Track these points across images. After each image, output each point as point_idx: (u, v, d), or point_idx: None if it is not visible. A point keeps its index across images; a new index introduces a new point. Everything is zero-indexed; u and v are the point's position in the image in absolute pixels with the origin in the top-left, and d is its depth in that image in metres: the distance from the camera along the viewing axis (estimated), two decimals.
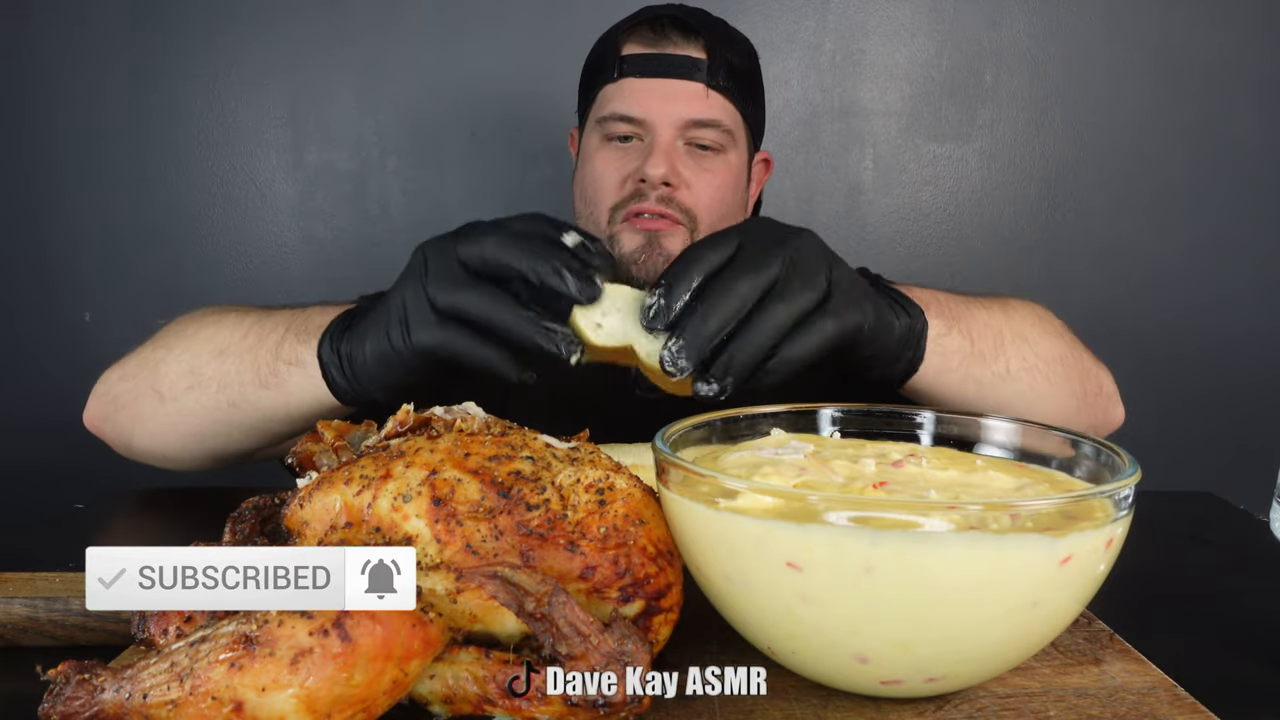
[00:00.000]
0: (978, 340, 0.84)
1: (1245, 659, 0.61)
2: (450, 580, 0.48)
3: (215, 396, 0.84)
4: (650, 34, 1.06)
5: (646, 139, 1.06)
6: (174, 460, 0.92)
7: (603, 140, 1.08)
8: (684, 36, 1.06)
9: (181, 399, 0.86)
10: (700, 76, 1.05)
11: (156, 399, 0.87)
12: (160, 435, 0.89)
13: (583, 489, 0.52)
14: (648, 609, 0.51)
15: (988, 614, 0.46)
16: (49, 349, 1.56)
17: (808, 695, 0.52)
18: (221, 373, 0.84)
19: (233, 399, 0.84)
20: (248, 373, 0.82)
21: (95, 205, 1.54)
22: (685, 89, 1.04)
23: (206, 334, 0.87)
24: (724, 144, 1.07)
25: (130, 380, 0.90)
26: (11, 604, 0.58)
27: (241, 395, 0.83)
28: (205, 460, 0.91)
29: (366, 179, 1.57)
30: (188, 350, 0.87)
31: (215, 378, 0.84)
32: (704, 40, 1.06)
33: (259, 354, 0.82)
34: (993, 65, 1.58)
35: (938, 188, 1.61)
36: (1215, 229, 1.63)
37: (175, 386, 0.86)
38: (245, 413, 0.84)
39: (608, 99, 1.07)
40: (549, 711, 0.46)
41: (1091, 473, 0.56)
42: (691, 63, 1.05)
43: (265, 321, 0.85)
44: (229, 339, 0.85)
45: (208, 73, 1.52)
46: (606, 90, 1.07)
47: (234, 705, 0.42)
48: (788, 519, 0.45)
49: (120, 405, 0.91)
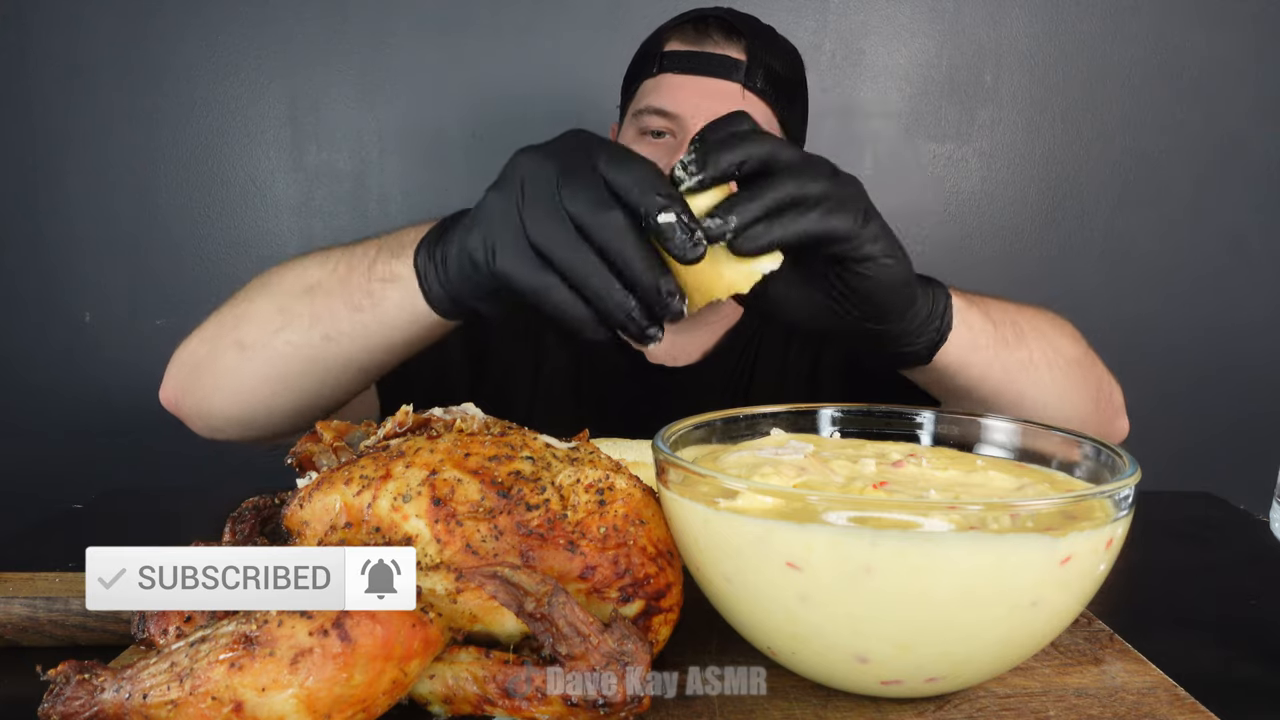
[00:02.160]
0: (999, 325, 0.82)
1: (1245, 659, 0.61)
2: (450, 580, 0.48)
3: (308, 333, 0.79)
4: (693, 32, 1.07)
5: (680, 135, 1.06)
6: (257, 421, 0.87)
7: (638, 134, 1.09)
8: (725, 37, 1.06)
9: (270, 343, 0.81)
10: (738, 77, 1.05)
11: (240, 351, 0.83)
12: (244, 391, 0.85)
13: (583, 489, 0.52)
14: (648, 609, 0.51)
15: (988, 614, 0.46)
16: (49, 349, 1.56)
17: (808, 695, 0.52)
18: (314, 307, 0.79)
19: (327, 331, 0.79)
20: (341, 302, 0.77)
21: (95, 205, 1.54)
22: (721, 88, 1.05)
23: (293, 276, 0.82)
24: None
25: (210, 342, 0.86)
26: (11, 604, 0.58)
27: (336, 326, 0.78)
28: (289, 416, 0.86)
29: (366, 179, 1.57)
30: (274, 295, 0.82)
31: (307, 313, 0.79)
32: (745, 42, 1.06)
33: (351, 281, 0.77)
34: (993, 65, 1.58)
35: (938, 188, 1.61)
36: (1215, 229, 1.63)
37: (263, 332, 0.81)
38: (341, 346, 0.79)
39: (645, 93, 1.08)
40: (549, 711, 0.46)
41: (1091, 473, 0.56)
42: (731, 63, 1.05)
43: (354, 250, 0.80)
44: (318, 275, 0.80)
45: (208, 73, 1.52)
46: (645, 84, 1.08)
47: (234, 705, 0.42)
48: (788, 519, 0.45)
49: (201, 370, 0.86)
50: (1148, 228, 1.63)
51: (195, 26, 1.51)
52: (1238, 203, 1.63)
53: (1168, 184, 1.62)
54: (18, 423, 1.56)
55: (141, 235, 1.55)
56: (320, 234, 1.57)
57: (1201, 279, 1.64)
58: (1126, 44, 1.58)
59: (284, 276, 0.83)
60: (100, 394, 1.56)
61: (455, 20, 1.53)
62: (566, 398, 1.14)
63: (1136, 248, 1.63)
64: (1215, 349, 1.65)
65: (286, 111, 1.54)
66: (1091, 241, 1.63)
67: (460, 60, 1.54)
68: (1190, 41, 1.59)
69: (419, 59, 1.53)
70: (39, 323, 1.56)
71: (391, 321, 0.76)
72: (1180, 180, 1.62)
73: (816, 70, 1.58)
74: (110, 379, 1.56)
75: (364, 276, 0.76)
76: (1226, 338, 1.65)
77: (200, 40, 1.51)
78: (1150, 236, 1.63)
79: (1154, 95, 1.60)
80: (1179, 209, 1.63)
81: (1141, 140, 1.61)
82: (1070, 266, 1.62)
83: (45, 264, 1.55)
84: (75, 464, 1.48)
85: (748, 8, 1.20)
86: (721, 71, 1.05)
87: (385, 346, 0.78)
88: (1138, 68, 1.59)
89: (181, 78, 1.52)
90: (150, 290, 1.55)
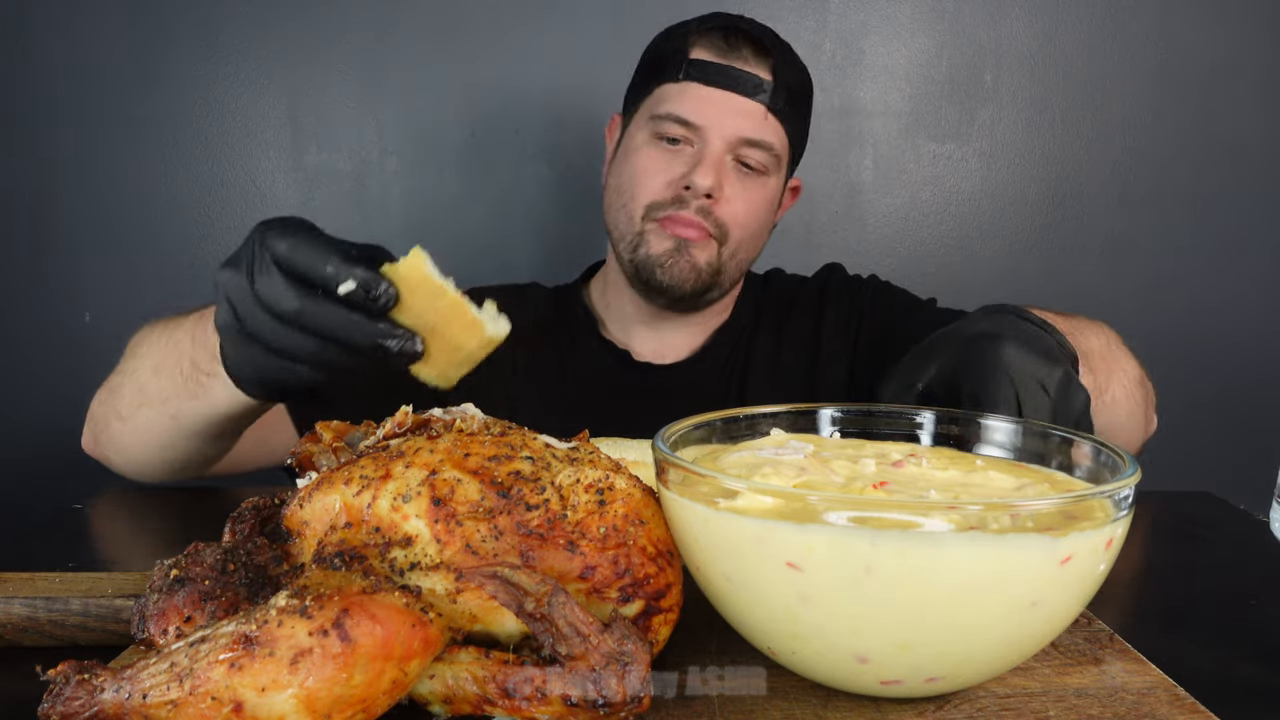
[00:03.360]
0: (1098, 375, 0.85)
1: (1245, 659, 0.61)
2: (450, 580, 0.48)
3: (159, 411, 0.86)
4: (723, 44, 1.06)
5: (697, 146, 1.06)
6: (146, 474, 0.95)
7: (651, 137, 1.08)
8: (755, 54, 1.06)
9: (134, 417, 0.89)
10: (763, 98, 1.05)
11: (119, 420, 0.91)
12: (127, 452, 0.93)
13: (582, 489, 0.52)
14: (647, 609, 0.51)
15: (988, 614, 0.46)
16: (48, 349, 1.56)
17: (808, 695, 0.52)
18: (160, 389, 0.85)
19: (173, 412, 0.85)
20: (178, 387, 0.83)
21: (95, 205, 1.54)
22: (747, 106, 1.05)
23: (144, 351, 0.89)
24: (769, 167, 1.08)
25: (102, 405, 0.94)
26: (11, 604, 0.57)
27: (179, 409, 0.84)
28: (171, 471, 0.95)
29: (366, 179, 1.57)
30: (135, 370, 0.89)
31: (156, 394, 0.86)
32: (772, 62, 1.06)
33: (181, 368, 0.83)
34: (993, 65, 1.58)
35: (938, 188, 1.61)
36: (1215, 229, 1.63)
37: (129, 406, 0.89)
38: (188, 421, 0.85)
39: (667, 97, 1.07)
40: (549, 711, 0.46)
41: (1091, 473, 0.56)
42: (758, 82, 1.05)
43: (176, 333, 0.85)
44: (160, 355, 0.86)
45: (207, 73, 1.52)
46: (668, 88, 1.07)
47: (234, 705, 0.42)
48: (788, 519, 0.45)
49: (98, 428, 0.95)
50: (1148, 228, 1.63)
51: (195, 26, 1.51)
52: (1237, 202, 1.63)
53: (1168, 184, 1.62)
54: (18, 423, 1.56)
55: (141, 235, 1.55)
56: None
57: (1201, 279, 1.64)
58: (1126, 44, 1.58)
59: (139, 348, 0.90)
60: None
61: (455, 20, 1.53)
62: (554, 398, 1.14)
63: (1136, 248, 1.63)
64: (1215, 349, 1.65)
65: (286, 111, 1.54)
66: (1091, 241, 1.63)
67: (460, 60, 1.53)
68: (1190, 41, 1.59)
69: (419, 59, 1.53)
70: (39, 323, 1.56)
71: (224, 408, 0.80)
72: (1180, 180, 1.62)
73: (816, 70, 1.57)
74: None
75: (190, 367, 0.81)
76: (1226, 338, 1.65)
77: (200, 40, 1.51)
78: (1150, 236, 1.63)
79: (1154, 95, 1.60)
80: (1179, 209, 1.63)
81: (1141, 140, 1.61)
82: (1070, 266, 1.62)
83: (45, 264, 1.55)
84: (75, 464, 1.48)
85: (749, 7, 1.20)
86: (748, 90, 1.05)
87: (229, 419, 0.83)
88: (1138, 68, 1.59)
89: (181, 78, 1.52)
90: (150, 290, 1.55)
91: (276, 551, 0.53)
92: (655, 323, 1.17)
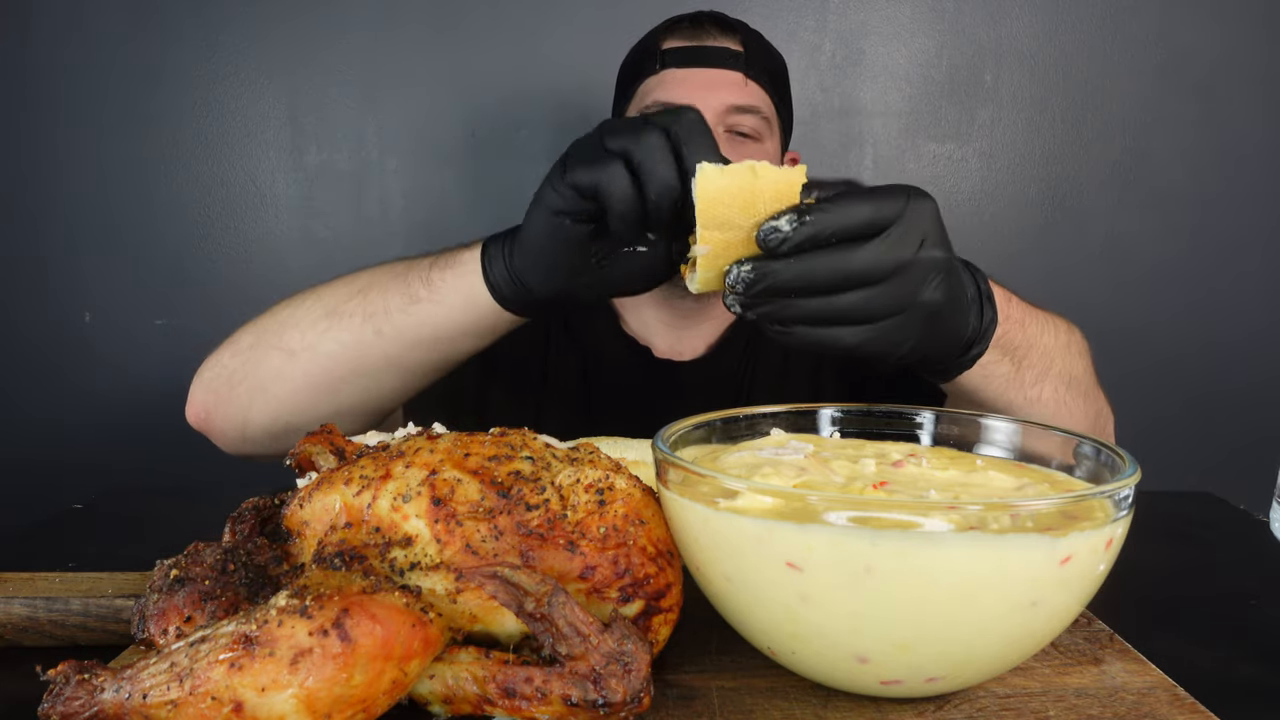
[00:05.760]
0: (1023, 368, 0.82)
1: (1245, 659, 0.61)
2: (450, 580, 0.48)
3: (359, 330, 0.81)
4: (690, 29, 1.11)
5: None
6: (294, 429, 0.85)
7: None
8: (722, 31, 1.11)
9: (319, 345, 0.82)
10: (739, 66, 1.09)
11: (287, 356, 0.84)
12: (286, 397, 0.85)
13: (582, 489, 0.52)
14: (647, 609, 0.51)
15: (988, 614, 0.46)
16: (49, 349, 1.56)
17: (808, 695, 0.52)
18: (366, 305, 0.81)
19: (379, 326, 0.80)
20: (397, 294, 0.80)
21: (95, 205, 1.54)
22: (725, 77, 1.08)
23: (339, 284, 0.85)
24: (762, 132, 1.10)
25: (246, 352, 0.86)
26: (11, 604, 0.57)
27: (389, 320, 0.80)
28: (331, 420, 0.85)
29: (366, 179, 1.57)
30: (321, 300, 0.84)
31: (359, 311, 0.81)
32: (740, 35, 1.11)
33: (410, 275, 0.80)
34: (993, 65, 1.58)
35: (938, 188, 1.61)
36: (1215, 229, 1.63)
37: (310, 334, 0.83)
38: (390, 340, 0.80)
39: (649, 90, 1.10)
40: (549, 711, 0.46)
41: (1091, 473, 0.56)
42: (730, 53, 1.09)
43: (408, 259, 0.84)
44: (369, 278, 0.83)
45: (208, 73, 1.52)
46: (648, 83, 1.10)
47: (234, 705, 0.42)
48: (788, 519, 0.45)
49: (236, 381, 0.86)
50: (1147, 228, 1.63)
51: (195, 27, 1.51)
52: (1238, 203, 1.63)
53: (1168, 184, 1.62)
54: (17, 423, 1.56)
55: (141, 235, 1.55)
56: (320, 234, 1.57)
57: (1201, 279, 1.64)
58: (1126, 44, 1.58)
59: (328, 287, 0.86)
60: (100, 394, 1.56)
61: (455, 20, 1.53)
62: (576, 394, 1.16)
63: (1136, 248, 1.63)
64: (1215, 349, 1.65)
65: (286, 111, 1.54)
66: (1091, 241, 1.63)
67: (460, 60, 1.53)
68: (1190, 41, 1.59)
69: (419, 59, 1.53)
70: (39, 323, 1.56)
71: (448, 305, 0.78)
72: (1180, 180, 1.62)
73: (816, 70, 1.58)
74: (110, 379, 1.56)
75: (424, 270, 0.80)
76: (1226, 337, 1.65)
77: (200, 40, 1.51)
78: (1150, 236, 1.63)
79: (1154, 95, 1.60)
80: (1179, 209, 1.63)
81: (1141, 140, 1.60)
82: (1070, 266, 1.62)
83: (46, 264, 1.55)
84: (75, 464, 1.48)
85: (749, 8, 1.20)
86: (722, 62, 1.08)
87: (433, 340, 0.80)
88: (1138, 68, 1.59)
89: (181, 78, 1.52)
90: (150, 290, 1.55)
91: (276, 551, 0.53)
92: (674, 319, 1.17)
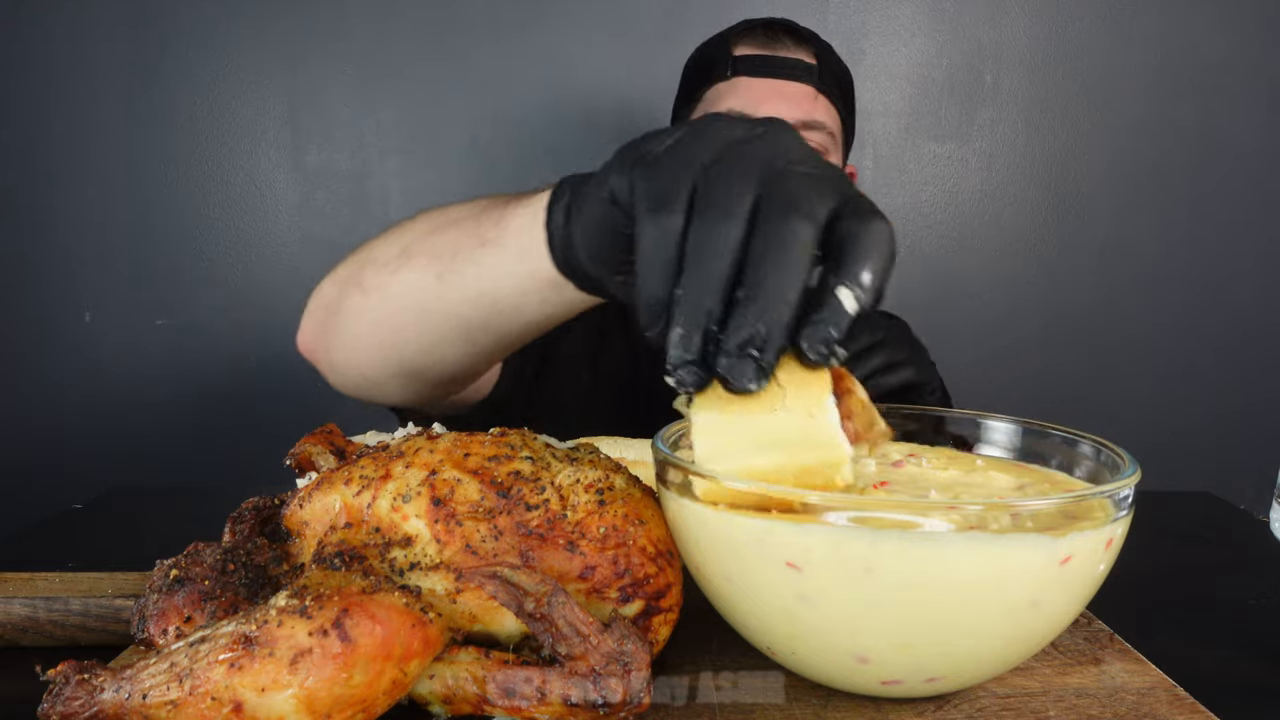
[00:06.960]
0: None
1: (1245, 659, 0.61)
2: (450, 580, 0.48)
3: (422, 273, 0.70)
4: (764, 37, 1.11)
5: None
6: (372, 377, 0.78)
7: None
8: (795, 42, 1.11)
9: (388, 285, 0.72)
10: (811, 80, 1.09)
11: (362, 295, 0.74)
12: (362, 340, 0.76)
13: (582, 489, 0.52)
14: (647, 609, 0.51)
15: (988, 614, 0.46)
16: (49, 349, 1.56)
17: (808, 695, 0.52)
18: (434, 244, 0.70)
19: (440, 270, 0.69)
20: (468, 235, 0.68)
21: (95, 205, 1.54)
22: (797, 90, 1.08)
23: (430, 214, 0.74)
24: (827, 148, 1.11)
25: (341, 284, 0.77)
26: (11, 604, 0.57)
27: (453, 265, 0.68)
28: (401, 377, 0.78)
29: (366, 179, 1.57)
30: (402, 235, 0.74)
31: (426, 250, 0.70)
32: (814, 47, 1.11)
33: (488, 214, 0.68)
34: (993, 65, 1.58)
35: (938, 188, 1.61)
36: (1215, 228, 1.63)
37: (382, 272, 0.73)
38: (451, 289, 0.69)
39: (719, 96, 1.10)
40: (549, 711, 0.46)
41: (1091, 473, 0.56)
42: (804, 66, 1.09)
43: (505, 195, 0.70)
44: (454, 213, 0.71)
45: (207, 72, 1.52)
46: (718, 88, 1.10)
47: (233, 705, 0.42)
48: (788, 519, 0.45)
49: (329, 315, 0.78)
50: (1147, 227, 1.63)
51: (195, 26, 1.51)
52: (1237, 203, 1.63)
53: (1168, 184, 1.62)
54: (17, 423, 1.56)
55: (141, 235, 1.55)
56: (320, 234, 1.57)
57: (1201, 279, 1.64)
58: (1126, 44, 1.58)
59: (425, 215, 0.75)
60: (100, 394, 1.56)
61: (455, 20, 1.53)
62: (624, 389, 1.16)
63: (1136, 247, 1.63)
64: (1215, 348, 1.65)
65: (286, 111, 1.54)
66: (1091, 241, 1.63)
67: (460, 61, 1.54)
68: (1190, 41, 1.59)
69: (419, 59, 1.53)
70: (39, 323, 1.56)
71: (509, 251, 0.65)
72: (1180, 180, 1.62)
73: None
74: (110, 379, 1.56)
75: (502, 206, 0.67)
76: (1226, 337, 1.65)
77: (200, 40, 1.51)
78: (1150, 236, 1.63)
79: (1154, 95, 1.60)
80: (1179, 209, 1.63)
81: (1141, 140, 1.61)
82: (1070, 266, 1.63)
83: (45, 264, 1.55)
84: (75, 464, 1.48)
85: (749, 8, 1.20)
86: (795, 74, 1.09)
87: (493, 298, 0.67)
88: (1137, 68, 1.59)
89: (181, 78, 1.52)
90: (150, 290, 1.55)
91: (276, 551, 0.53)
92: None
